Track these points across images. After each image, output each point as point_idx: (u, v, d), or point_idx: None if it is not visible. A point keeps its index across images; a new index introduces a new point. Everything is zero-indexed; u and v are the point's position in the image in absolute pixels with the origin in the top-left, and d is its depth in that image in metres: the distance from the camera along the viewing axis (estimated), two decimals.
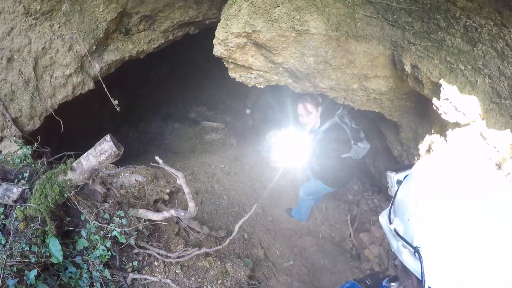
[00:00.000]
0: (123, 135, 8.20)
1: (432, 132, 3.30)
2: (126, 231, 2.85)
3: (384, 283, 1.34)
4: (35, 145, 3.31)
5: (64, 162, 2.66)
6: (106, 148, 2.39)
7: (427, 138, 3.38)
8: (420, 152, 3.48)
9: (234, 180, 5.46)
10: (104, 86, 3.56)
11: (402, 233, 1.00)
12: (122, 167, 3.46)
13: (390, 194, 1.21)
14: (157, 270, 3.14)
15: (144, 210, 3.11)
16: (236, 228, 3.05)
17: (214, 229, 4.03)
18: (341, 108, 3.87)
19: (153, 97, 10.16)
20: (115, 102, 3.43)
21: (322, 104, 3.90)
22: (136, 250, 3.11)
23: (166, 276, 3.13)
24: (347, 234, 5.02)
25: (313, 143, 3.99)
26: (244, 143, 6.95)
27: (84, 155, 2.53)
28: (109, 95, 3.38)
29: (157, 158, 2.80)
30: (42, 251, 2.48)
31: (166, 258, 3.15)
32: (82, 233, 2.72)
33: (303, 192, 4.71)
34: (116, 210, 2.95)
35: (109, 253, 2.75)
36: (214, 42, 3.34)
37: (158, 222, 3.23)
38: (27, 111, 3.61)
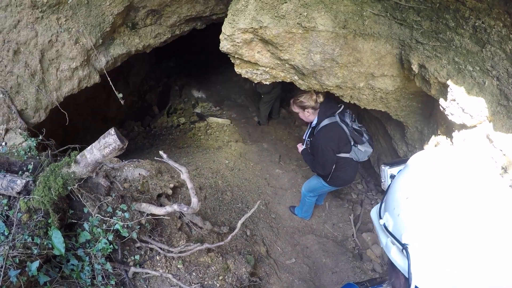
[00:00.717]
0: (128, 129, 8.22)
1: (438, 133, 3.27)
2: (128, 225, 2.86)
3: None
4: (40, 137, 3.32)
5: (68, 155, 2.66)
6: (110, 141, 2.39)
7: (433, 139, 3.35)
8: None
9: (238, 176, 5.46)
10: (109, 79, 3.56)
11: (391, 229, 0.97)
12: (126, 161, 3.46)
13: (383, 189, 1.19)
14: (158, 264, 3.15)
15: (147, 204, 3.11)
16: (238, 224, 3.04)
17: (217, 225, 4.03)
18: (342, 107, 3.78)
19: (159, 92, 10.18)
20: (120, 96, 3.42)
21: (314, 107, 3.77)
22: (138, 244, 3.12)
23: (167, 270, 3.14)
24: (350, 234, 5.00)
25: (309, 139, 3.96)
26: (249, 140, 6.94)
27: (88, 148, 2.53)
28: (114, 89, 3.38)
29: (161, 153, 2.79)
30: (45, 243, 2.48)
31: (168, 252, 3.15)
32: (85, 226, 2.72)
33: (304, 188, 4.71)
34: (119, 204, 2.96)
35: (111, 246, 2.76)
36: (221, 37, 3.33)
37: (161, 217, 3.23)
38: (33, 104, 3.61)
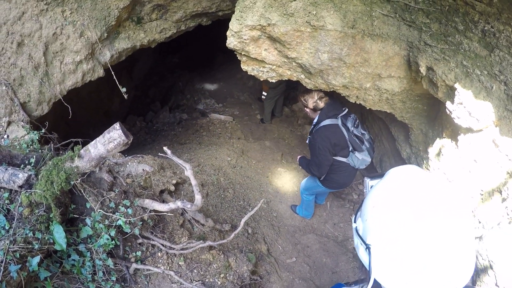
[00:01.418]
0: (131, 124, 8.20)
1: (443, 136, 3.25)
2: (131, 221, 2.84)
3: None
4: (43, 130, 3.30)
5: (71, 149, 2.63)
6: (115, 136, 2.37)
7: (438, 142, 3.33)
8: (429, 155, 3.43)
9: (240, 174, 5.44)
10: (113, 73, 3.54)
11: (361, 232, 1.13)
12: (130, 156, 3.44)
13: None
14: (160, 261, 3.14)
15: (150, 200, 3.10)
16: (241, 223, 3.03)
17: (219, 222, 4.02)
18: (346, 110, 3.74)
19: (162, 87, 10.15)
20: (123, 90, 3.41)
21: (314, 108, 3.77)
22: (140, 240, 3.11)
23: (169, 267, 3.13)
24: (351, 234, 4.98)
25: (309, 136, 3.94)
26: (251, 137, 6.92)
27: (92, 143, 2.50)
28: (117, 83, 3.36)
29: (165, 149, 2.77)
30: (46, 238, 2.46)
31: (170, 249, 3.14)
32: (87, 221, 2.71)
33: (301, 186, 4.71)
34: (122, 199, 2.94)
35: (113, 242, 2.74)
36: (228, 34, 3.31)
37: (164, 213, 3.22)
38: (36, 96, 3.59)
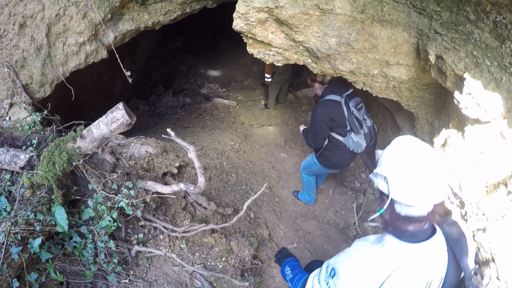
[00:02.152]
0: (134, 108, 8.18)
1: (449, 126, 3.21)
2: (133, 203, 2.84)
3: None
4: (45, 112, 3.28)
5: (74, 130, 2.60)
6: (118, 116, 2.33)
7: (444, 132, 3.29)
8: (434, 145, 3.40)
9: (243, 158, 5.44)
10: (117, 56, 3.50)
11: (379, 171, 1.62)
12: (133, 138, 3.43)
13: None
14: (162, 243, 3.15)
15: (152, 182, 3.09)
16: (244, 206, 3.01)
17: (221, 206, 4.03)
18: (350, 90, 3.87)
19: (165, 71, 10.08)
20: (128, 73, 3.37)
21: (321, 81, 3.96)
22: (142, 223, 3.11)
23: (171, 250, 3.15)
24: (352, 222, 5.00)
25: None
26: (254, 122, 6.89)
27: (95, 123, 2.47)
28: (121, 66, 3.33)
29: (169, 130, 2.75)
30: (48, 220, 2.46)
31: (172, 232, 3.15)
32: (89, 202, 2.70)
33: (302, 165, 4.78)
34: (124, 181, 2.93)
35: (115, 224, 2.74)
36: (234, 15, 3.25)
37: (166, 196, 3.22)
38: (38, 78, 3.57)
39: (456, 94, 2.81)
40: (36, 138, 2.80)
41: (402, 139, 1.62)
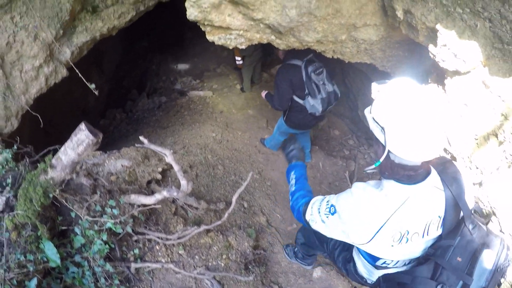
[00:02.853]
0: (110, 118, 7.98)
1: (428, 82, 3.13)
2: (121, 220, 2.73)
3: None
4: (15, 146, 3.09)
5: (43, 161, 2.47)
6: (82, 138, 2.22)
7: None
8: None
9: (227, 148, 5.32)
10: (77, 71, 3.32)
11: (376, 118, 1.61)
12: (106, 154, 3.28)
13: (373, 98, 1.74)
14: (159, 254, 3.07)
15: (135, 195, 2.97)
16: (233, 200, 2.92)
17: (213, 202, 3.94)
18: (310, 55, 4.03)
19: (136, 74, 9.85)
20: (92, 86, 3.22)
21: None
22: (135, 238, 3.01)
23: (169, 259, 3.07)
24: None
25: None
26: (233, 109, 6.74)
27: (61, 150, 2.35)
28: (83, 79, 3.16)
29: (141, 138, 2.61)
30: (39, 257, 2.37)
31: (166, 240, 3.06)
32: (76, 230, 2.60)
33: (276, 124, 5.08)
34: (107, 200, 2.81)
35: (107, 246, 2.65)
36: (187, 4, 3.09)
37: (153, 206, 3.11)
38: (2, 113, 3.38)
39: (430, 47, 2.71)
40: (9, 176, 2.60)
41: (400, 82, 1.60)
